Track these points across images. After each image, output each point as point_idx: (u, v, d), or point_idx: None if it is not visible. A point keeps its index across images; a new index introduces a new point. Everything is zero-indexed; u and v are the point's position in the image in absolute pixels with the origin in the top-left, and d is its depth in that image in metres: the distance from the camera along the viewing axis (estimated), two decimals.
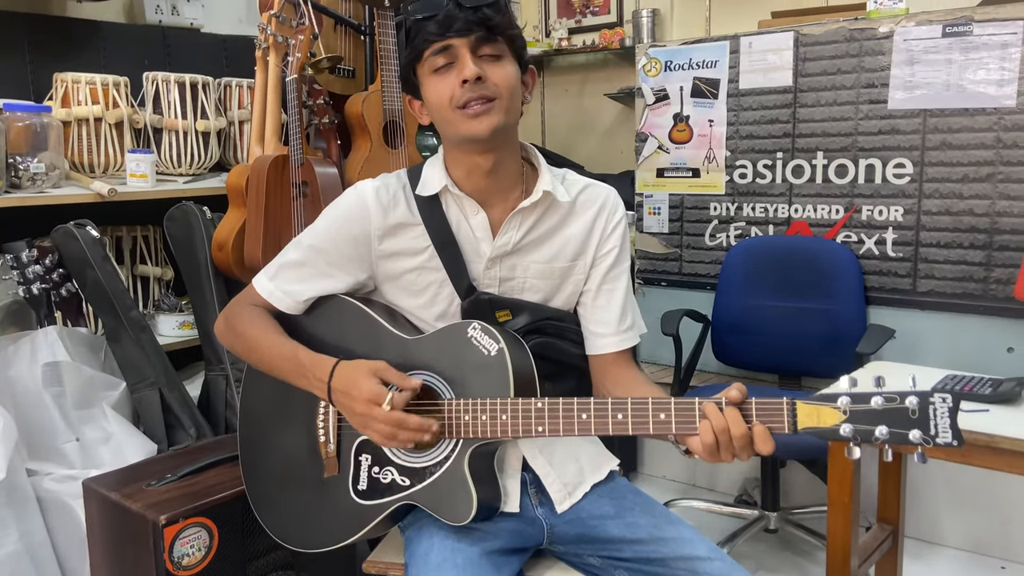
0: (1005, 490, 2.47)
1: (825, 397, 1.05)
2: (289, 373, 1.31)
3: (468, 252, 1.33)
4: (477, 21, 1.21)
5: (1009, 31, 2.28)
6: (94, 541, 1.77)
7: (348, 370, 1.24)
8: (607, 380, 1.38)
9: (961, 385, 1.78)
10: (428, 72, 1.25)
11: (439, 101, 1.25)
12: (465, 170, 1.31)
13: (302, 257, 1.36)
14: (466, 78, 1.21)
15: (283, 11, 2.25)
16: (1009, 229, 2.34)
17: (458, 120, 1.24)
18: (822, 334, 2.54)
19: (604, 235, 1.38)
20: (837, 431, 1.04)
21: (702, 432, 1.10)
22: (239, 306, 1.41)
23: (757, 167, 2.77)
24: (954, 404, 1.00)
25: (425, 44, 1.23)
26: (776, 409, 1.07)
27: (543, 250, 1.35)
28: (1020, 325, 2.34)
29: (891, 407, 1.02)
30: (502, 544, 1.31)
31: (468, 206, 1.32)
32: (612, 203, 1.40)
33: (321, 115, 2.37)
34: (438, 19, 1.21)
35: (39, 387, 2.02)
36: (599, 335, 1.39)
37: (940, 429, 1.00)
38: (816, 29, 2.61)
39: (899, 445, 1.02)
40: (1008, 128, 2.32)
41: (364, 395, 1.19)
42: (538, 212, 1.34)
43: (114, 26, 2.68)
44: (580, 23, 3.93)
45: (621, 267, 1.40)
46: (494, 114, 1.23)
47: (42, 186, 2.16)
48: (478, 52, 1.23)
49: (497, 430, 1.21)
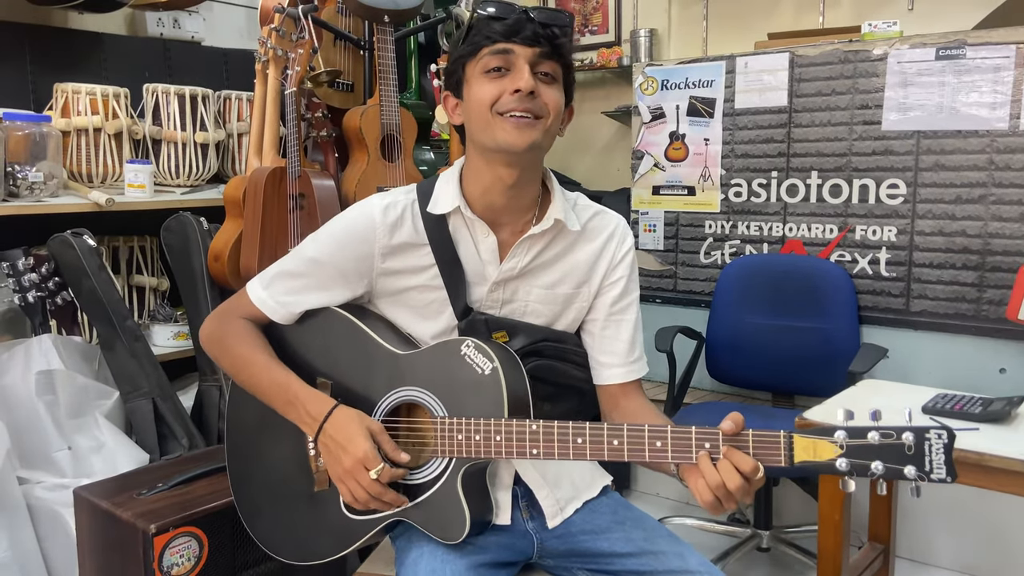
0: (997, 510, 2.46)
1: (821, 431, 1.05)
2: (278, 401, 1.29)
3: (472, 274, 1.32)
4: (545, 36, 1.21)
5: (1002, 55, 2.31)
6: (84, 550, 1.76)
7: (345, 420, 1.23)
8: (616, 412, 1.37)
9: (952, 404, 1.78)
10: (479, 71, 1.23)
11: (481, 101, 1.22)
12: (484, 185, 1.29)
13: (301, 268, 1.34)
14: (520, 88, 1.19)
15: (283, 25, 2.27)
16: (1001, 250, 2.36)
17: (498, 125, 1.21)
18: (815, 353, 2.55)
19: (612, 264, 1.37)
20: (833, 465, 1.04)
21: (700, 492, 1.09)
22: (228, 318, 1.38)
23: (752, 186, 2.78)
24: (949, 441, 1.00)
25: (487, 41, 1.21)
26: (773, 442, 1.07)
27: (547, 275, 1.34)
28: (1012, 346, 2.35)
29: (887, 443, 1.02)
30: (491, 557, 1.30)
31: (479, 229, 1.31)
32: (621, 232, 1.39)
33: (319, 128, 2.39)
34: (507, 22, 1.21)
35: (32, 395, 2.02)
36: (607, 365, 1.38)
37: (935, 465, 1.00)
38: (811, 51, 2.63)
39: (894, 480, 1.02)
40: (1000, 150, 2.34)
41: (358, 454, 1.19)
42: (547, 238, 1.33)
43: (116, 38, 2.70)
44: (578, 42, 3.95)
45: (630, 297, 1.39)
46: (536, 131, 1.22)
47: (40, 195, 2.17)
48: (536, 68, 1.22)
49: (491, 450, 1.20)
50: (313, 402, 1.25)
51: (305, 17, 2.28)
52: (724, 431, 1.08)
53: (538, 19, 1.21)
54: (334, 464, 1.23)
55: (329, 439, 1.22)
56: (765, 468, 1.08)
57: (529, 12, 1.22)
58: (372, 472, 1.18)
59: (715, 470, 1.07)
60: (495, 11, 1.21)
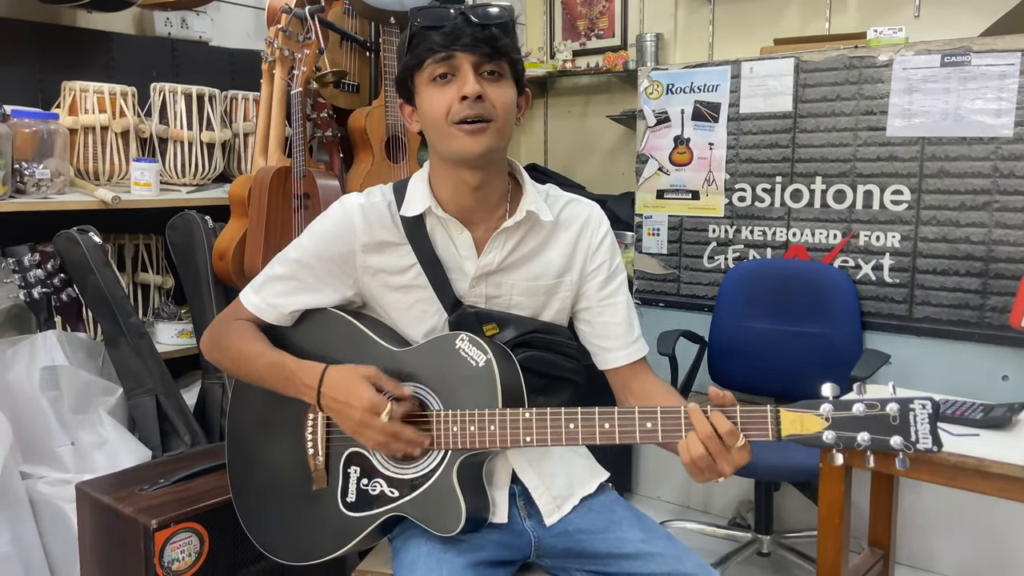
0: (997, 516, 2.46)
1: (808, 405, 1.07)
2: (277, 382, 1.31)
3: (453, 270, 1.33)
4: (484, 39, 1.21)
5: (1007, 62, 2.31)
6: (85, 545, 1.77)
7: (340, 376, 1.25)
8: (629, 394, 1.39)
9: (952, 409, 1.78)
10: (426, 81, 1.25)
11: (435, 113, 1.24)
12: (451, 187, 1.31)
13: (288, 271, 1.37)
14: (466, 94, 1.21)
15: (290, 25, 2.28)
16: (1005, 258, 2.35)
17: (453, 136, 1.24)
18: (818, 358, 2.55)
19: (590, 251, 1.38)
20: (820, 438, 1.06)
21: (690, 443, 1.11)
22: (224, 322, 1.41)
23: (756, 190, 2.79)
24: (933, 410, 1.02)
25: (428, 53, 1.23)
26: (760, 417, 1.09)
27: (527, 268, 1.35)
28: (1015, 353, 2.35)
29: (873, 414, 1.04)
30: (489, 556, 1.30)
31: (452, 226, 1.33)
32: (596, 219, 1.40)
33: (324, 128, 2.40)
34: (444, 30, 1.21)
35: (36, 391, 2.03)
36: (609, 349, 1.39)
37: (920, 435, 1.02)
38: (817, 56, 2.64)
39: (881, 451, 1.03)
40: (1005, 157, 2.34)
41: (364, 403, 1.20)
42: (522, 231, 1.34)
43: (124, 37, 2.72)
44: (584, 45, 3.97)
45: (617, 280, 1.40)
46: (489, 135, 1.23)
47: (47, 192, 2.19)
48: (480, 69, 1.23)
49: (486, 440, 1.21)
50: (305, 371, 1.28)
51: (312, 18, 2.30)
52: (712, 397, 1.11)
53: (477, 19, 1.21)
54: (344, 420, 1.24)
55: (331, 400, 1.24)
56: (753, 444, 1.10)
57: (467, 13, 1.22)
58: (383, 415, 1.19)
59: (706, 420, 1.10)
60: (432, 20, 1.22)
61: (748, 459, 1.11)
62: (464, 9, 1.22)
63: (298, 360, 1.30)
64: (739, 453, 1.10)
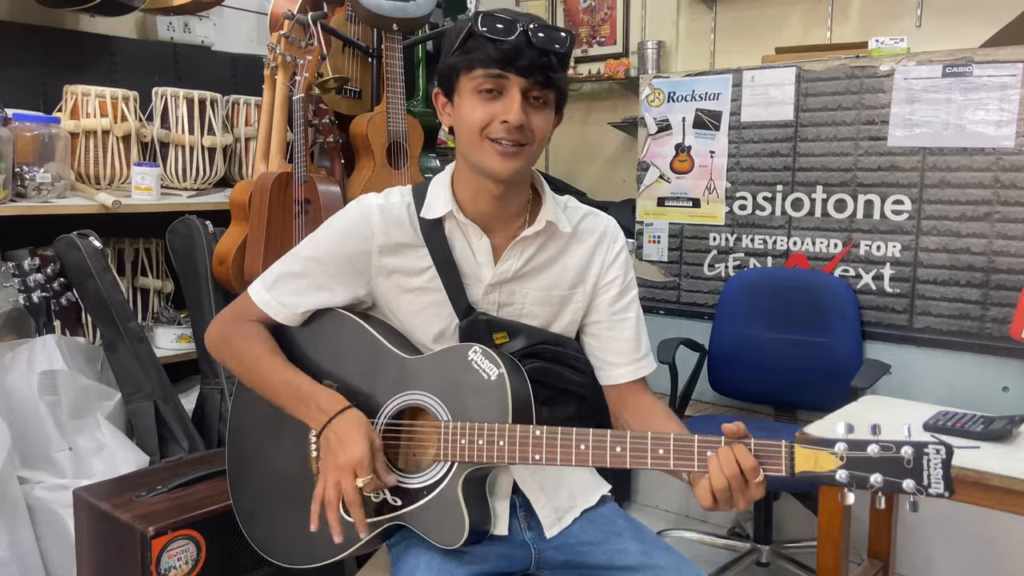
0: (997, 528, 2.45)
1: (822, 443, 1.06)
2: (288, 398, 1.30)
3: (468, 276, 1.33)
4: (540, 66, 1.19)
5: (1009, 73, 2.31)
6: (82, 551, 1.76)
7: (354, 422, 1.24)
8: (625, 411, 1.38)
9: (953, 421, 1.78)
10: (471, 89, 1.22)
11: (472, 123, 1.23)
12: (473, 191, 1.31)
13: (301, 268, 1.35)
14: (509, 120, 1.20)
15: (292, 31, 2.29)
16: (1006, 268, 2.35)
17: (485, 150, 1.23)
18: (818, 367, 2.55)
19: (604, 265, 1.38)
20: (833, 477, 1.05)
21: (702, 492, 1.10)
22: (235, 320, 1.39)
23: (757, 199, 2.79)
24: (947, 456, 1.01)
25: (480, 64, 1.20)
26: (774, 452, 1.08)
27: (542, 278, 1.35)
28: (1015, 364, 2.35)
29: (887, 456, 1.03)
30: (489, 567, 1.30)
31: (472, 232, 1.32)
32: (612, 233, 1.40)
33: (326, 134, 2.40)
34: (505, 48, 1.18)
35: (34, 395, 2.02)
36: (614, 365, 1.39)
37: (933, 480, 1.01)
38: (818, 65, 2.64)
39: (892, 493, 1.03)
40: (1006, 168, 2.34)
41: (355, 456, 1.20)
42: (540, 241, 1.34)
43: (126, 41, 2.72)
44: (586, 52, 3.97)
45: (629, 296, 1.40)
46: (520, 159, 1.23)
47: (47, 196, 2.18)
48: (528, 94, 1.21)
49: (494, 455, 1.20)
50: (326, 399, 1.27)
51: (314, 24, 2.30)
52: (726, 433, 1.10)
53: (537, 44, 1.18)
54: (328, 456, 1.23)
55: (333, 434, 1.23)
56: (766, 478, 1.09)
57: (530, 34, 1.18)
58: (360, 479, 1.19)
59: (721, 472, 1.08)
60: (494, 32, 1.18)
61: (763, 494, 1.10)
62: (529, 28, 1.18)
63: (317, 385, 1.29)
64: (756, 488, 1.09)
